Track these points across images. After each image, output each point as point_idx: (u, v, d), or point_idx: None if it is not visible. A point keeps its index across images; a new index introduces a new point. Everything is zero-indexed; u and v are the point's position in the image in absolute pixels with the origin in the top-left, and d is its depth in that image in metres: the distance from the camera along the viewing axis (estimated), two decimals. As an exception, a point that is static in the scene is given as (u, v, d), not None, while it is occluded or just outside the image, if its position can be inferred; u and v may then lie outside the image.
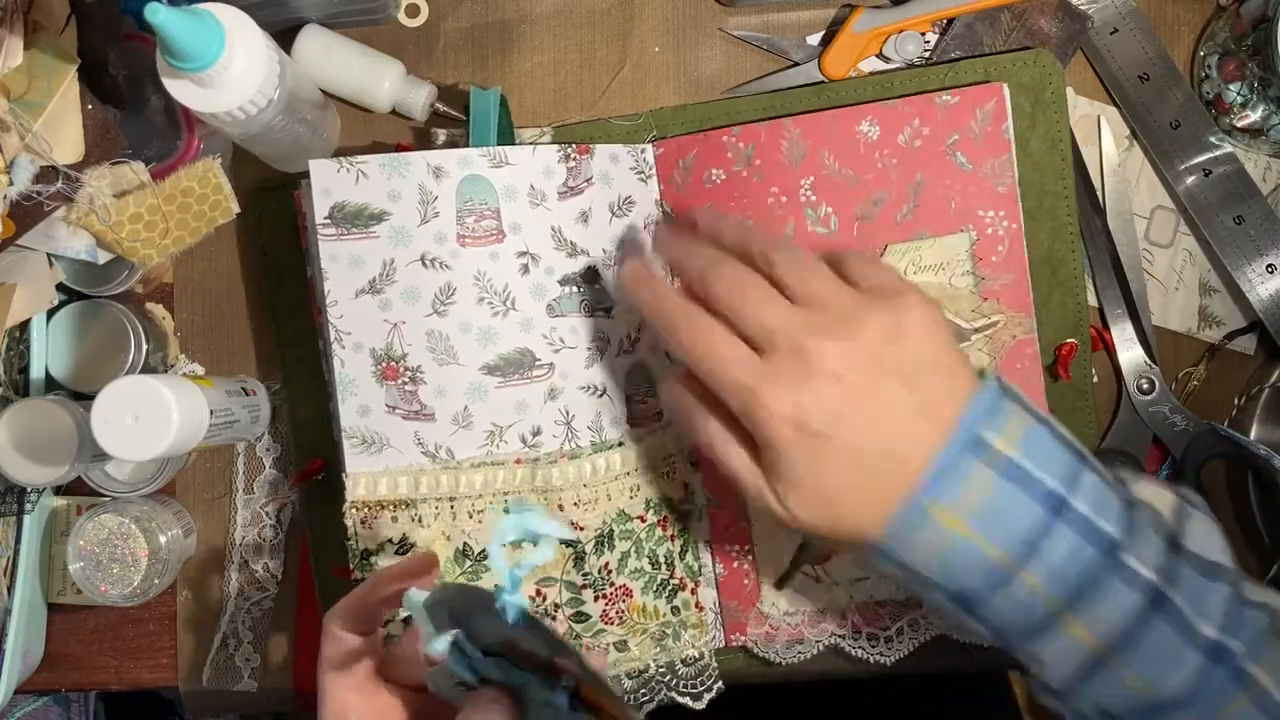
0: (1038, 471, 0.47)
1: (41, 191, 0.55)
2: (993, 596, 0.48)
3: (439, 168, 0.58)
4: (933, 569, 0.48)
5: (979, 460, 0.47)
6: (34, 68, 0.55)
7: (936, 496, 0.47)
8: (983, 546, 0.47)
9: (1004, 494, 0.47)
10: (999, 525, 0.47)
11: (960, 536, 0.47)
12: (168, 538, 0.64)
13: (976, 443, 0.47)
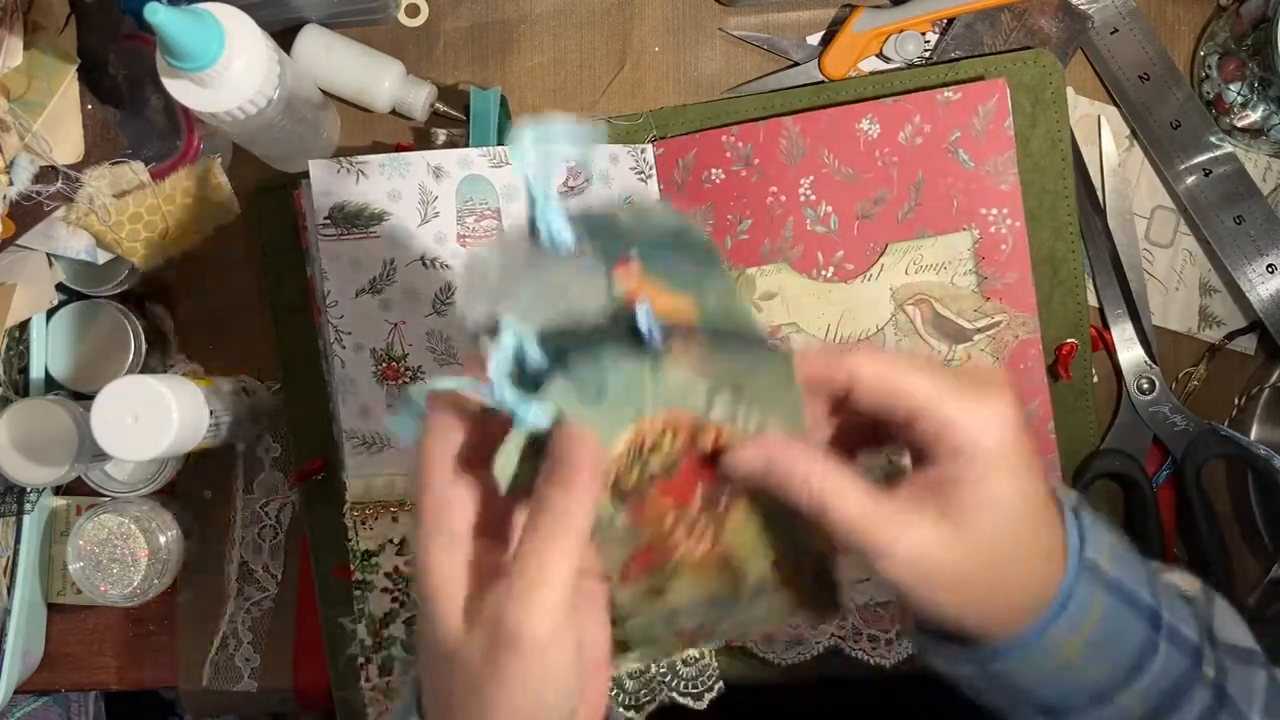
0: (1135, 587, 0.45)
1: (41, 191, 0.55)
2: (1090, 710, 0.46)
3: (439, 168, 0.58)
4: (1034, 688, 0.46)
5: (1094, 585, 0.44)
6: (34, 68, 0.55)
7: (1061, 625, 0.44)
8: (1094, 672, 0.45)
9: (1116, 617, 0.45)
10: (1112, 648, 0.45)
11: (1076, 663, 0.45)
12: (167, 538, 0.64)
13: (1091, 566, 0.45)
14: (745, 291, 0.52)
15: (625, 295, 0.41)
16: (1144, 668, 0.45)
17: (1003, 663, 0.45)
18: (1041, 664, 0.44)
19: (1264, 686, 0.48)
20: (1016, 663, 0.44)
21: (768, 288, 0.64)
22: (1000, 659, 0.44)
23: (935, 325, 0.63)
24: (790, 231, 0.63)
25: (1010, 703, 0.47)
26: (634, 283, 0.42)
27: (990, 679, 0.46)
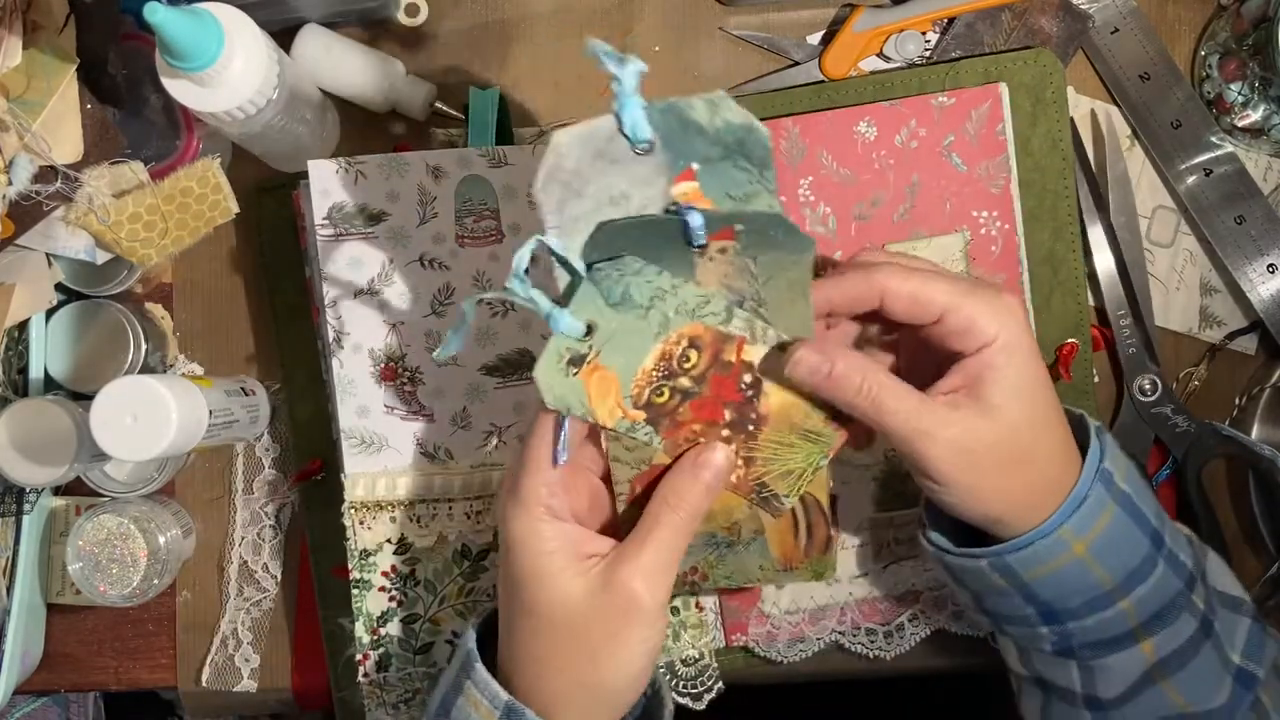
0: (1143, 507, 0.50)
1: (40, 191, 0.55)
2: (1087, 616, 0.50)
3: (438, 168, 0.58)
4: (1040, 585, 0.49)
5: (1107, 493, 0.49)
6: (33, 67, 0.55)
7: (1075, 524, 0.48)
8: (1097, 574, 0.49)
9: (1122, 527, 0.49)
10: (1114, 556, 0.49)
11: (1081, 562, 0.48)
12: (167, 538, 0.64)
13: (1106, 477, 0.49)
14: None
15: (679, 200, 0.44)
16: (1142, 579, 0.49)
17: (1017, 554, 0.48)
18: (1050, 559, 0.48)
19: (1246, 631, 0.53)
20: (1029, 555, 0.48)
21: (767, 288, 0.64)
22: (1016, 550, 0.48)
23: (934, 325, 0.63)
24: (790, 231, 0.63)
25: (1013, 605, 0.51)
26: (690, 193, 0.45)
27: (1002, 572, 0.49)
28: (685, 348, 0.45)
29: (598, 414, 0.45)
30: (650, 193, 0.44)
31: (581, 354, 0.43)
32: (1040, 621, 0.51)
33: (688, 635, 0.63)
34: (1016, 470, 0.48)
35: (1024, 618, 0.51)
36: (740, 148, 0.44)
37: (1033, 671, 0.55)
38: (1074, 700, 0.53)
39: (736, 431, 0.48)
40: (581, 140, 0.43)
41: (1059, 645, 0.52)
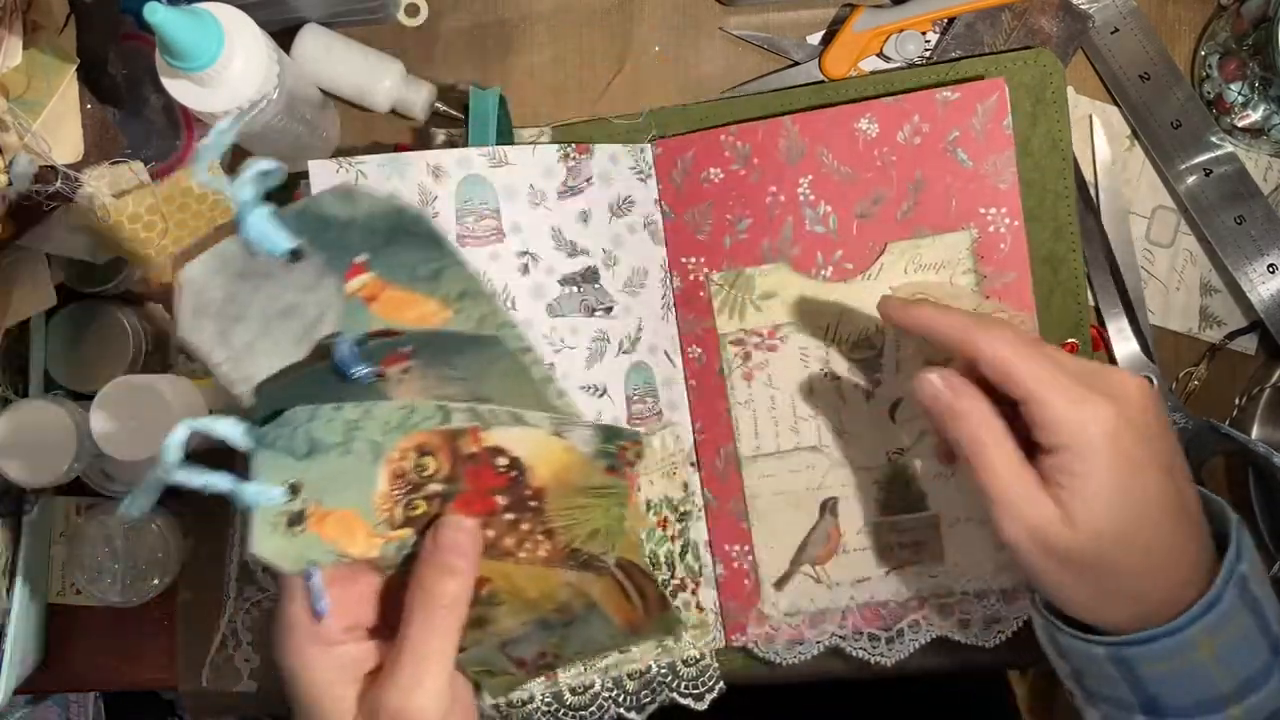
0: (1269, 613, 0.47)
1: (41, 191, 0.55)
2: (1194, 716, 0.47)
3: (438, 168, 0.58)
4: (1156, 681, 0.47)
5: (1240, 599, 0.47)
6: (33, 67, 0.55)
7: (1208, 624, 0.46)
8: (1218, 678, 0.47)
9: (1248, 632, 0.47)
10: (1237, 661, 0.47)
11: (1205, 665, 0.46)
12: (168, 538, 0.64)
13: (1241, 581, 0.47)
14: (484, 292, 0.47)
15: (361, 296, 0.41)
16: (1256, 688, 0.47)
17: (1138, 648, 0.46)
18: (1174, 658, 0.46)
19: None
20: (1151, 651, 0.46)
21: (767, 287, 0.64)
22: (1139, 644, 0.46)
23: (935, 325, 0.63)
24: (789, 231, 0.63)
25: (1116, 690, 0.49)
26: (369, 285, 0.41)
27: (1118, 663, 0.47)
28: (416, 458, 0.42)
29: (352, 552, 0.42)
30: (322, 295, 0.41)
31: (298, 511, 0.40)
32: (1139, 710, 0.49)
33: (689, 635, 0.63)
34: (1104, 578, 0.46)
35: (1123, 702, 0.49)
36: (401, 228, 0.42)
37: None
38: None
39: (521, 512, 0.45)
40: (214, 268, 0.41)
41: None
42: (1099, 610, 0.47)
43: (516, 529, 0.45)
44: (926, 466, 0.63)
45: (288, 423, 0.40)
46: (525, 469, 0.44)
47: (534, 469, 0.44)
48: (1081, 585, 0.47)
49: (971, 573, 0.63)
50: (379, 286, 0.42)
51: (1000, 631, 0.63)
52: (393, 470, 0.42)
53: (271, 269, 0.41)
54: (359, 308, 0.42)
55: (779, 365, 0.64)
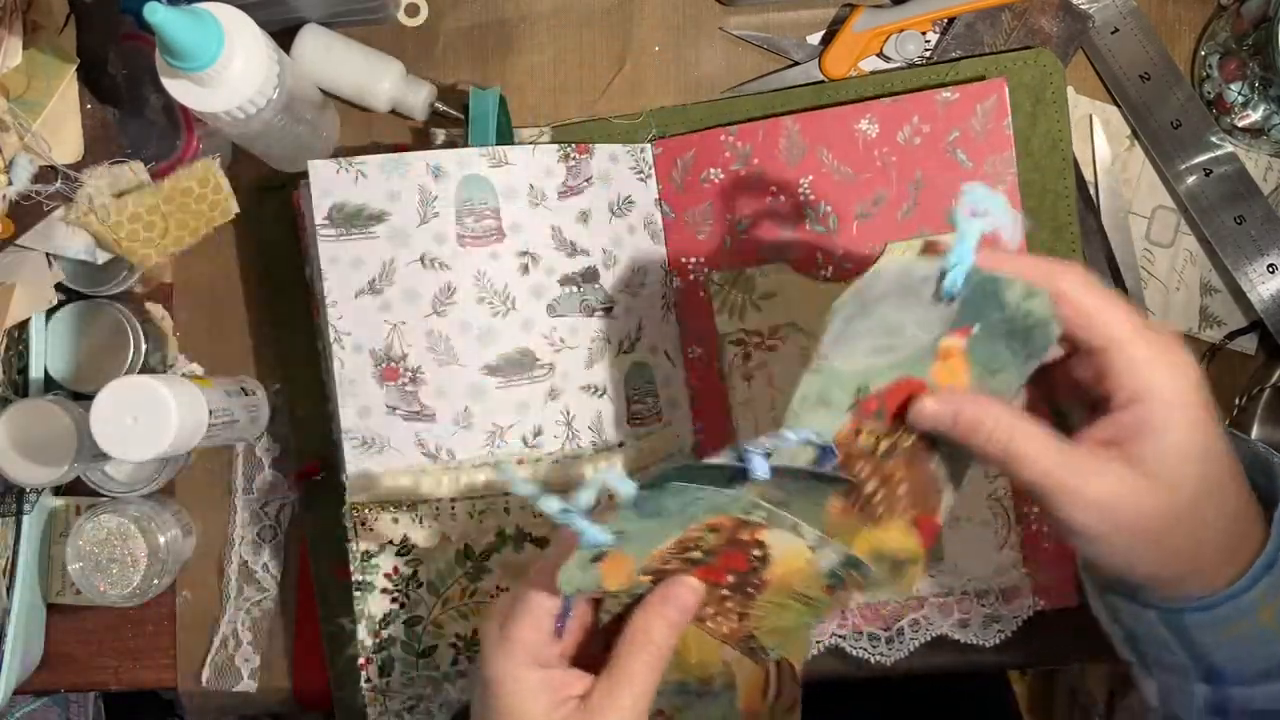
0: None
1: (41, 191, 0.55)
2: (1257, 685, 0.46)
3: (438, 168, 0.58)
4: (1215, 648, 0.46)
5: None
6: (33, 67, 0.55)
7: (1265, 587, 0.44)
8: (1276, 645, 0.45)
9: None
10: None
11: (1265, 631, 0.45)
12: (167, 538, 0.64)
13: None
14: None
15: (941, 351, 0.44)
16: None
17: (1196, 616, 0.45)
18: (1231, 622, 0.45)
19: None
20: (1211, 617, 0.44)
21: (767, 288, 0.64)
22: (1198, 611, 0.45)
23: (935, 325, 0.63)
24: (789, 231, 0.63)
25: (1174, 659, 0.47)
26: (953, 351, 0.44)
27: (1175, 629, 0.46)
28: (704, 531, 0.45)
29: (609, 587, 0.44)
30: (924, 336, 0.44)
31: (604, 553, 0.43)
32: (1199, 679, 0.47)
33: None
34: (1178, 535, 0.43)
35: (1181, 669, 0.47)
36: (1026, 335, 0.44)
37: (1169, 712, 0.50)
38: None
39: (735, 593, 0.47)
40: (901, 272, 0.45)
41: (1213, 706, 0.48)
42: (1159, 573, 0.45)
43: (722, 604, 0.47)
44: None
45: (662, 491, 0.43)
46: (767, 563, 0.46)
47: (772, 565, 0.46)
48: (1151, 550, 0.44)
49: (971, 572, 0.63)
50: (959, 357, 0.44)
51: (1000, 631, 0.63)
52: (683, 537, 0.44)
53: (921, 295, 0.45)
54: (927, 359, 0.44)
55: (779, 365, 0.64)
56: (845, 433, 0.45)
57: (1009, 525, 0.63)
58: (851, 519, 0.46)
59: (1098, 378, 0.44)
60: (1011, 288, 0.44)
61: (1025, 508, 0.63)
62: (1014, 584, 0.63)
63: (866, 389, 0.45)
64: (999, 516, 0.63)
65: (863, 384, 0.45)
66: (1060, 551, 0.63)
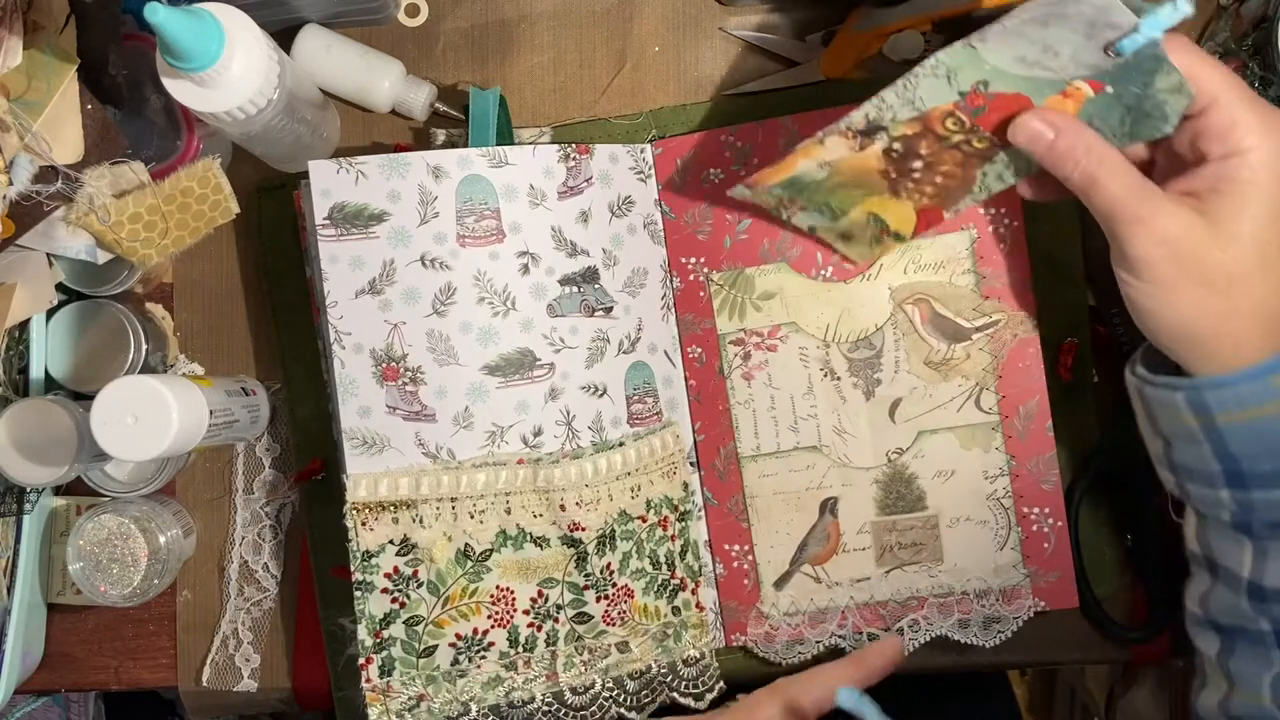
0: None
1: (41, 191, 0.55)
2: (1277, 487, 0.47)
3: (438, 168, 0.58)
4: (1233, 433, 0.47)
5: None
6: (34, 68, 0.55)
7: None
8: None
9: None
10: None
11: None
12: (167, 538, 0.64)
13: None
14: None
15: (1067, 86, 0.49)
16: None
17: (1217, 392, 0.46)
18: (1251, 405, 0.46)
19: None
20: (1229, 395, 0.46)
21: (767, 287, 0.64)
22: (1217, 387, 0.46)
23: (934, 324, 0.63)
24: (789, 231, 0.63)
25: (1200, 457, 0.48)
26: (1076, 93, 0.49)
27: (1197, 409, 0.47)
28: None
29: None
30: (1068, 70, 0.48)
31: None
32: (1224, 483, 0.48)
33: (689, 635, 0.63)
34: (1223, 290, 0.45)
35: (1209, 475, 0.49)
36: (1144, 117, 0.48)
37: (1206, 549, 0.52)
38: (1238, 587, 0.50)
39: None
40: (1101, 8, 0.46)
41: (1239, 517, 0.49)
42: (1196, 328, 0.47)
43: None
44: (925, 466, 0.63)
45: None
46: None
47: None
48: (1195, 299, 0.46)
49: (971, 572, 0.63)
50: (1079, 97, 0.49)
51: (1000, 631, 0.63)
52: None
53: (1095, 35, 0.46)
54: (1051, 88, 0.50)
55: (779, 365, 0.64)
56: (941, 110, 0.51)
57: (1009, 526, 0.63)
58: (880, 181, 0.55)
59: (1193, 141, 0.46)
60: (1167, 76, 0.47)
61: (1025, 508, 0.63)
62: (1014, 584, 0.63)
63: (986, 85, 0.50)
64: (999, 517, 0.63)
65: (987, 79, 0.49)
66: (1060, 552, 0.63)
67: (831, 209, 0.59)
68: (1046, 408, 0.63)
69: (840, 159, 0.55)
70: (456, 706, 0.60)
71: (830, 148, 0.55)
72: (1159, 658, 0.66)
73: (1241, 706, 0.52)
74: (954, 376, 0.63)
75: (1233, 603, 0.51)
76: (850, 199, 0.58)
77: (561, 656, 0.61)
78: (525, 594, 0.60)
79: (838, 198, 0.58)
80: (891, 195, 0.57)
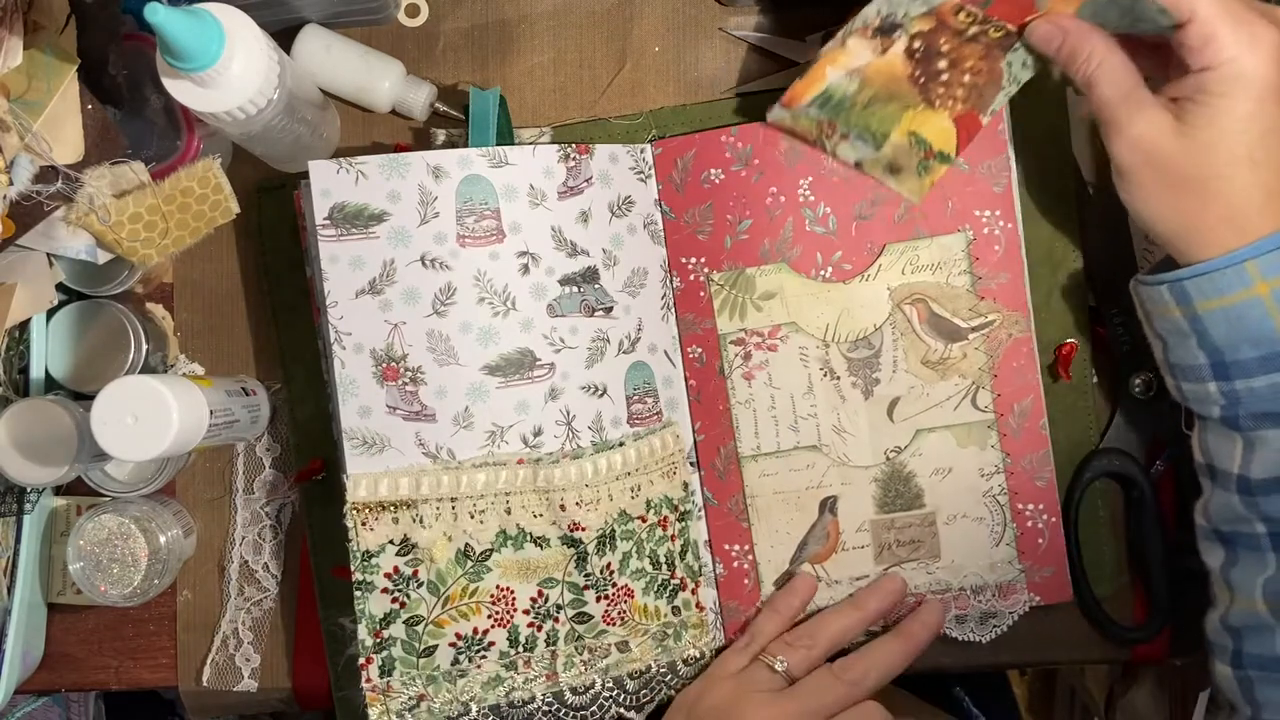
0: None
1: (41, 191, 0.55)
2: (1258, 374, 0.50)
3: (438, 168, 0.58)
4: (1213, 320, 0.50)
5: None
6: (34, 68, 0.55)
7: (1264, 263, 0.48)
8: (1277, 326, 0.48)
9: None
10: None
11: (1260, 304, 0.48)
12: (168, 538, 0.64)
13: None
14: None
15: None
16: None
17: (1195, 280, 0.49)
18: (1227, 291, 0.49)
19: None
20: (1206, 282, 0.49)
21: (767, 287, 0.64)
22: (1195, 276, 0.49)
23: (931, 324, 0.63)
24: (789, 232, 0.63)
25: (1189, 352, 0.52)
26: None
27: (1179, 299, 0.50)
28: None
29: None
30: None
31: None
32: (1211, 375, 0.51)
33: (689, 635, 0.63)
34: (1195, 192, 0.49)
35: (1197, 370, 0.52)
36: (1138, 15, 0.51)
37: (1205, 455, 0.55)
38: (1230, 485, 0.53)
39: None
40: None
41: (1227, 410, 0.51)
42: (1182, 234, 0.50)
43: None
44: (923, 464, 0.64)
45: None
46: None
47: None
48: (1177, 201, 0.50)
49: (968, 568, 0.64)
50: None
51: (996, 626, 0.64)
52: None
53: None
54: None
55: (779, 365, 0.64)
56: (951, 3, 0.55)
57: (1004, 523, 0.63)
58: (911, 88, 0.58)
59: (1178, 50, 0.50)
60: None
61: (1020, 505, 0.63)
62: (1009, 580, 0.64)
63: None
64: (995, 514, 0.63)
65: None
66: (1054, 548, 0.63)
67: (873, 134, 0.59)
68: (1041, 406, 0.63)
69: (867, 64, 0.57)
70: (457, 706, 0.60)
71: (853, 51, 0.57)
72: (1159, 658, 0.66)
73: (1238, 616, 0.54)
74: (951, 375, 0.63)
75: (1228, 503, 0.53)
76: (888, 118, 0.59)
77: (561, 656, 0.61)
78: (525, 594, 0.60)
79: (876, 118, 0.59)
80: (926, 105, 0.58)
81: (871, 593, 0.63)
